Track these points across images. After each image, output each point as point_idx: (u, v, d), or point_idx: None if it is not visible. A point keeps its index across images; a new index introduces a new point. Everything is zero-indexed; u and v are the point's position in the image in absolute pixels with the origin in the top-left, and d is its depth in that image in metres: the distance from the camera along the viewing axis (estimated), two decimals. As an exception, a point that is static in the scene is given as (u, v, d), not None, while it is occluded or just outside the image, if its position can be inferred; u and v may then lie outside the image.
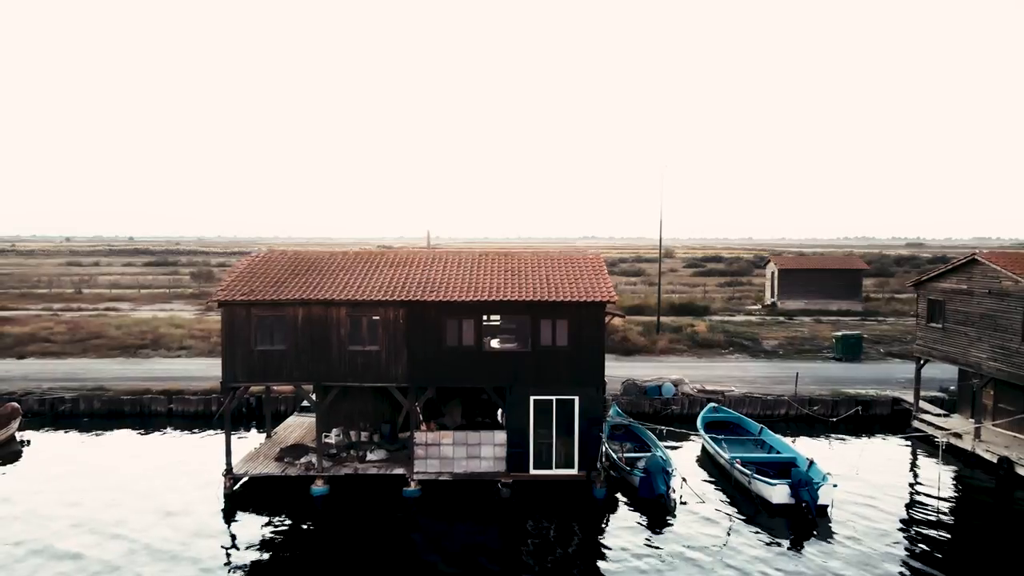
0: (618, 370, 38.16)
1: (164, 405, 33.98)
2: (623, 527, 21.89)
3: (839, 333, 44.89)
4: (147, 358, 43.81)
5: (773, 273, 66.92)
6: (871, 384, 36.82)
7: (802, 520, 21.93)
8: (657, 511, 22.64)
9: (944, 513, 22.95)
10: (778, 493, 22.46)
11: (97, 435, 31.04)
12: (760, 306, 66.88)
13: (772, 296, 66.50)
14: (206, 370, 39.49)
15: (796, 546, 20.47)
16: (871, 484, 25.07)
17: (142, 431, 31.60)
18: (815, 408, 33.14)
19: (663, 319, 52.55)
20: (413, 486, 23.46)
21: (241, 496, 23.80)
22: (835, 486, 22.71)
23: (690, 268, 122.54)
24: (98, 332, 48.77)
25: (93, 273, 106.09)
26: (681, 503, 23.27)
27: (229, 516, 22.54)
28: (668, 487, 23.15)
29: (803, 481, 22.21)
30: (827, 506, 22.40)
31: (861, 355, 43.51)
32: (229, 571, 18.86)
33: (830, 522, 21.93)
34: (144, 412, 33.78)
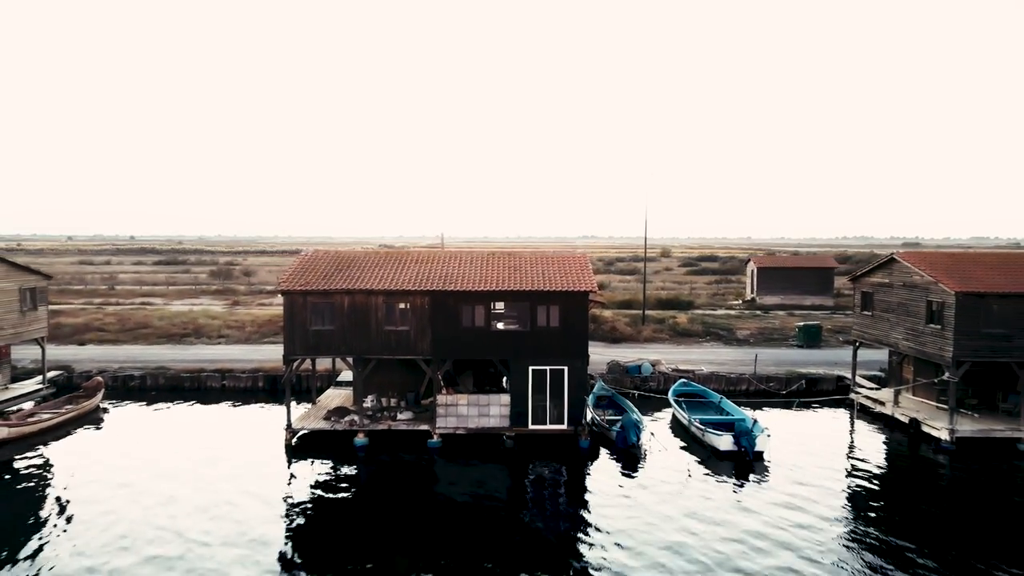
0: (606, 354, 44.13)
1: (218, 381, 39.97)
2: (602, 469, 27.82)
3: (801, 323, 50.88)
4: (191, 345, 49.74)
5: (752, 271, 72.93)
6: (824, 366, 42.78)
7: (742, 463, 27.90)
8: (629, 458, 28.61)
9: (859, 459, 28.95)
10: (724, 442, 28.44)
11: (165, 405, 36.92)
12: (740, 301, 72.85)
13: (752, 292, 72.51)
14: (246, 354, 45.49)
15: (738, 481, 26.40)
16: (804, 439, 31.14)
17: (202, 402, 37.49)
18: (771, 384, 39.12)
19: (650, 312, 58.51)
20: (435, 438, 29.43)
21: (298, 447, 29.77)
22: (769, 436, 28.70)
23: (685, 267, 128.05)
24: (144, 323, 54.74)
25: (113, 272, 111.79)
26: (648, 452, 29.25)
27: (290, 462, 28.45)
28: (639, 439, 29.21)
29: (743, 432, 28.21)
30: (762, 452, 28.39)
31: (820, 342, 49.48)
32: (292, 504, 24.56)
33: (765, 464, 27.91)
34: (201, 387, 39.73)
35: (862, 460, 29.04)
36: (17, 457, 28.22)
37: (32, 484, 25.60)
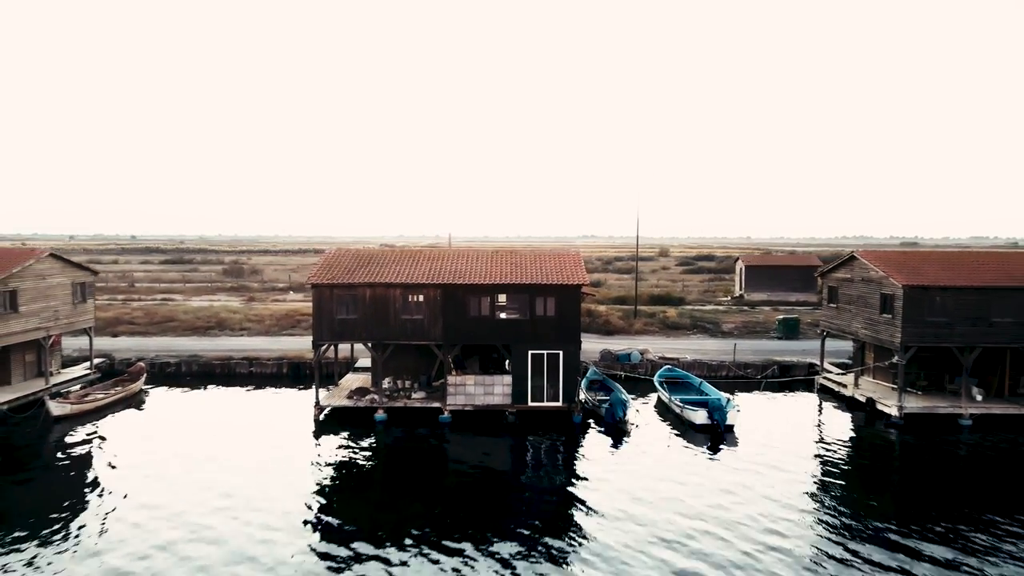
0: (600, 344, 48.11)
1: (246, 368, 43.98)
2: (593, 441, 31.77)
3: (781, 316, 54.87)
4: (216, 336, 53.73)
5: (741, 270, 76.95)
6: (799, 354, 46.73)
7: (715, 435, 31.87)
8: (617, 431, 32.59)
9: (820, 432, 32.99)
10: (699, 416, 32.42)
11: (200, 389, 40.90)
12: (729, 298, 76.84)
13: (740, 289, 76.52)
14: (268, 345, 49.51)
15: (711, 449, 30.35)
16: (773, 416, 35.16)
17: (232, 387, 41.45)
18: (747, 370, 43.12)
19: (642, 307, 62.51)
20: (446, 414, 33.41)
21: (325, 422, 33.75)
22: (739, 411, 32.70)
23: (681, 266, 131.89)
24: (170, 316, 58.75)
25: (124, 270, 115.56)
26: (634, 426, 33.24)
27: (318, 434, 32.39)
28: (625, 415, 33.22)
29: (716, 408, 32.21)
30: (733, 425, 32.37)
31: (799, 334, 53.45)
32: (321, 469, 28.32)
33: (735, 436, 31.88)
34: (231, 373, 43.73)
35: (823, 433, 33.05)
36: (76, 431, 32.20)
37: (90, 453, 29.60)
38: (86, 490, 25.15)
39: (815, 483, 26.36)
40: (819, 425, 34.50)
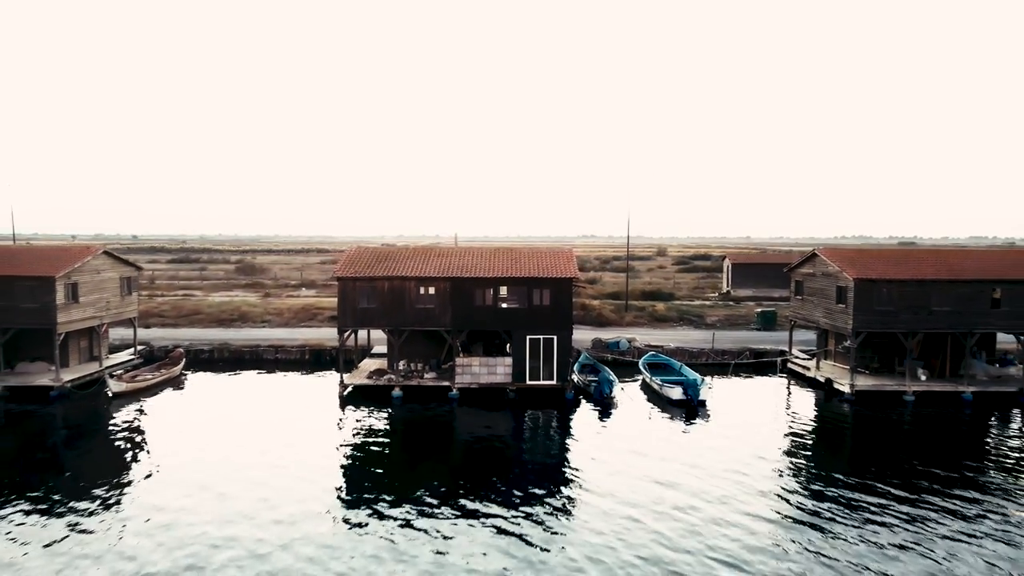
0: (593, 335, 52.80)
1: (272, 355, 48.75)
2: (583, 414, 36.47)
3: (759, 309, 59.64)
4: (240, 328, 58.45)
5: (728, 268, 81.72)
6: (772, 343, 51.47)
7: (690, 408, 36.58)
8: (604, 406, 37.32)
9: (782, 407, 37.76)
10: (675, 392, 37.15)
11: (232, 372, 45.64)
12: (717, 294, 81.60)
13: (727, 286, 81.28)
14: (288, 335, 54.24)
15: (686, 420, 35.06)
16: (743, 394, 39.91)
17: (261, 371, 46.20)
18: (724, 356, 47.87)
19: (633, 302, 67.26)
20: (455, 391, 38.13)
21: (349, 398, 38.48)
22: (710, 388, 37.51)
23: (677, 265, 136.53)
24: (196, 310, 63.49)
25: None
26: (619, 402, 37.97)
27: (343, 408, 37.12)
28: (611, 392, 38.00)
29: (690, 385, 36.96)
30: (705, 400, 37.12)
31: (775, 326, 58.19)
32: (347, 438, 32.96)
33: (707, 410, 36.60)
34: (258, 359, 48.48)
35: (785, 407, 37.84)
36: (131, 406, 36.94)
37: (144, 424, 34.38)
38: (146, 453, 29.91)
39: (776, 448, 30.88)
40: (782, 401, 39.27)
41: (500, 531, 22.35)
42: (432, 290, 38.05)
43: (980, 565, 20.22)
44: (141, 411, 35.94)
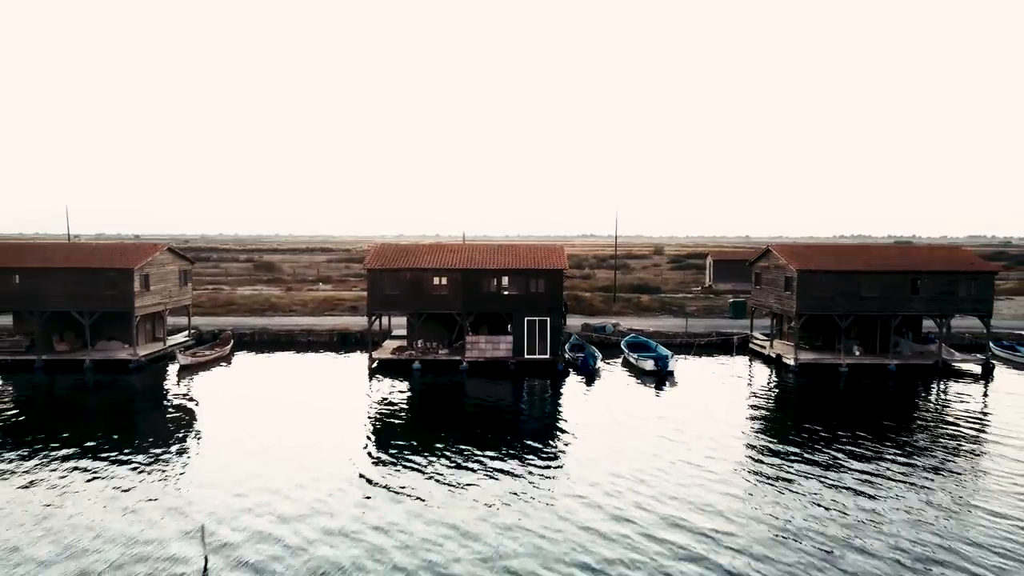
0: (583, 321, 60.39)
1: (305, 338, 56.34)
2: (571, 383, 44.01)
3: (731, 300, 67.23)
4: (271, 316, 65.97)
5: (710, 264, 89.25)
6: (740, 328, 59.02)
7: (660, 377, 44.16)
8: (589, 376, 44.91)
9: (738, 377, 45.31)
10: (648, 364, 44.76)
11: (272, 352, 53.19)
12: (700, 288, 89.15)
13: (709, 280, 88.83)
14: (317, 322, 61.78)
15: (657, 388, 42.58)
16: (706, 369, 47.50)
17: (296, 351, 53.75)
18: (696, 339, 55.47)
19: (622, 294, 74.80)
20: (465, 364, 45.71)
21: (376, 370, 46.06)
22: (676, 360, 45.11)
23: (672, 263, 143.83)
24: (229, 301, 71.06)
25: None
26: (601, 373, 45.53)
27: (371, 378, 44.66)
28: (595, 365, 45.63)
29: (660, 358, 44.57)
30: (672, 371, 44.73)
31: (745, 314, 65.71)
32: (375, 403, 40.58)
33: (675, 379, 44.15)
34: (293, 342, 56.05)
35: (739, 377, 45.42)
36: (194, 377, 44.50)
37: (204, 392, 41.96)
38: (208, 416, 37.47)
39: (729, 406, 38.24)
40: (740, 373, 46.82)
41: (506, 474, 27.18)
42: (445, 280, 45.61)
43: (904, 500, 27.84)
44: (203, 380, 43.53)
